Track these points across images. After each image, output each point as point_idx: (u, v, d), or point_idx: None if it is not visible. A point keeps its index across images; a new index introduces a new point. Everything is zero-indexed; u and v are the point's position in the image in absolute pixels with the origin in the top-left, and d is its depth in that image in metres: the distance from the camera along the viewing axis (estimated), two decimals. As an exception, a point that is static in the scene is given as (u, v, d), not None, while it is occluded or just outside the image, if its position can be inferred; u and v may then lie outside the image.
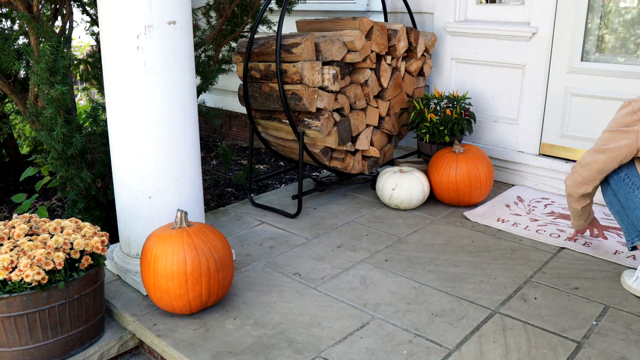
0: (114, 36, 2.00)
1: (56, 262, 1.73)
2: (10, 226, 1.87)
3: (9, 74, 2.73)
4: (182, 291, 1.89)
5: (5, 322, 1.71)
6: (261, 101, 2.93)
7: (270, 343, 1.82)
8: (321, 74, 2.75)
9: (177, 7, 2.01)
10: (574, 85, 3.01)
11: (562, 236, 2.54)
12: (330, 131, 2.84)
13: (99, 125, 2.74)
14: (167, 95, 2.06)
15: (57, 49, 2.36)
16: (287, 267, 2.33)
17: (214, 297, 1.98)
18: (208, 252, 1.92)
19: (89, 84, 3.72)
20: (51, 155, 2.55)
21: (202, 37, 3.32)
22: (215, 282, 1.94)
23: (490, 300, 2.06)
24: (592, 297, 2.08)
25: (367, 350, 1.78)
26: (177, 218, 1.97)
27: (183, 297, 1.90)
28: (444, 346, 1.80)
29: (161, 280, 1.89)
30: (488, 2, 3.35)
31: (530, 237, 2.56)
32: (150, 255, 1.91)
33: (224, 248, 1.99)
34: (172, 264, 1.87)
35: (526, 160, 3.19)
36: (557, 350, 1.77)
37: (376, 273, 2.26)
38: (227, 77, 4.14)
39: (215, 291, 1.96)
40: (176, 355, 1.80)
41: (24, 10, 2.49)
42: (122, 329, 2.03)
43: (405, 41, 3.13)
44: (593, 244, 2.47)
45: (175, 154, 2.12)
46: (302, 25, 3.24)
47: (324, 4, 3.83)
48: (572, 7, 2.94)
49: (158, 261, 1.89)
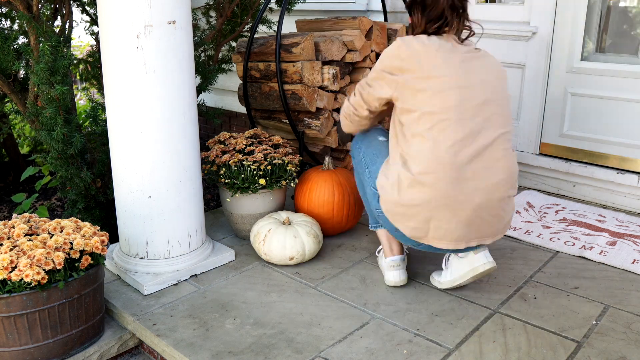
0: (113, 36, 2.00)
1: (56, 262, 1.73)
2: (10, 226, 1.87)
3: (8, 74, 2.73)
4: (328, 216, 2.47)
5: (5, 322, 1.71)
6: (261, 101, 2.93)
7: (270, 343, 1.82)
8: (321, 74, 2.75)
9: (177, 7, 2.01)
10: (574, 84, 3.01)
11: (576, 244, 2.49)
12: (330, 131, 2.84)
13: (98, 125, 2.74)
14: (167, 95, 2.06)
15: (56, 48, 2.36)
16: (287, 266, 2.33)
17: (350, 224, 2.56)
18: (349, 189, 2.50)
19: (88, 84, 3.72)
20: (51, 154, 2.55)
21: (201, 36, 3.32)
22: (352, 212, 2.52)
23: (490, 299, 2.06)
24: (592, 297, 2.08)
25: (366, 349, 1.78)
26: (326, 162, 2.57)
27: (328, 222, 2.48)
28: (444, 346, 1.80)
29: (313, 207, 2.47)
30: (488, 1, 3.35)
31: (544, 245, 2.49)
32: (307, 187, 2.51)
33: None
34: (323, 194, 2.47)
35: (526, 159, 3.19)
36: (557, 350, 1.77)
37: (376, 272, 2.26)
38: (227, 77, 4.14)
39: (352, 219, 2.55)
40: (176, 354, 1.80)
41: (24, 10, 2.48)
42: (121, 329, 2.03)
43: (405, 41, 3.12)
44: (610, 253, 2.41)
45: (175, 154, 2.12)
46: (302, 25, 3.24)
47: (323, 3, 3.83)
48: (572, 6, 2.94)
49: (313, 192, 2.48)
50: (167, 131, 2.09)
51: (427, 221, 1.86)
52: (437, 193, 1.82)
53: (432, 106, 1.82)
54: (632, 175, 2.85)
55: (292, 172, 2.49)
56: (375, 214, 2.06)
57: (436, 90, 1.82)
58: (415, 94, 1.84)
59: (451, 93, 1.82)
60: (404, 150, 1.88)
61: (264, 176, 2.42)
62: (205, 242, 2.35)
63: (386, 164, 1.97)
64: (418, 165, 1.83)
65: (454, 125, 1.81)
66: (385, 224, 2.01)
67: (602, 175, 2.93)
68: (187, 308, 2.03)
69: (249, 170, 2.39)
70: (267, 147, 2.52)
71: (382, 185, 1.94)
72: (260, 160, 2.43)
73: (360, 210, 2.58)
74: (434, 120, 1.81)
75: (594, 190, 3.01)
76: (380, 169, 1.99)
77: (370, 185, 2.03)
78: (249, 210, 2.48)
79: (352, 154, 2.23)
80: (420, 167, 1.83)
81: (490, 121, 1.85)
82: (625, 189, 2.89)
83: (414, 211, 1.86)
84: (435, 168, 1.81)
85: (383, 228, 2.13)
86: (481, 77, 1.88)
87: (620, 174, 2.88)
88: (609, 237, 2.56)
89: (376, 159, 2.05)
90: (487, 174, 1.84)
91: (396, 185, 1.88)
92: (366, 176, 2.07)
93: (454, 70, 1.84)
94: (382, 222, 2.04)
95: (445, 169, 1.81)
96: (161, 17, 1.98)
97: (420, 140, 1.84)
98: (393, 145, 1.95)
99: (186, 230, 2.23)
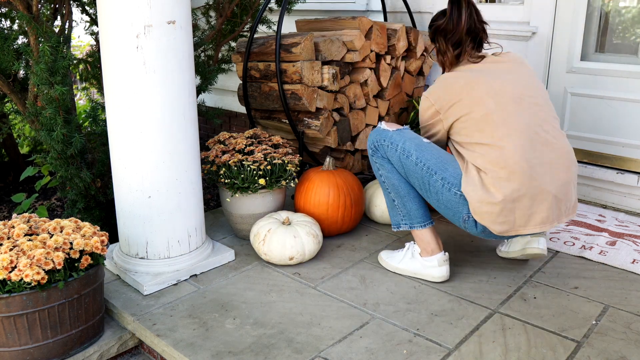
0: (113, 36, 2.00)
1: (56, 262, 1.73)
2: (9, 226, 1.87)
3: (8, 74, 2.73)
4: (322, 217, 2.47)
5: (5, 322, 1.71)
6: (261, 101, 2.93)
7: (270, 343, 1.82)
8: (321, 74, 2.75)
9: (177, 7, 2.01)
10: (574, 84, 3.01)
11: (576, 244, 2.49)
12: (329, 131, 2.84)
13: (98, 125, 2.74)
14: (167, 94, 2.06)
15: (56, 49, 2.36)
16: (287, 266, 2.33)
17: (347, 226, 2.55)
18: (346, 190, 2.50)
19: (88, 84, 3.72)
20: (51, 155, 2.55)
21: (201, 36, 3.32)
22: (348, 214, 2.51)
23: (489, 299, 2.06)
24: (592, 297, 2.08)
25: (366, 349, 1.78)
26: (327, 162, 2.57)
27: (324, 222, 2.48)
28: (444, 346, 1.80)
29: (309, 206, 2.49)
30: (488, 1, 3.35)
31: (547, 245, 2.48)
32: (304, 186, 2.53)
33: (359, 189, 2.57)
34: (319, 195, 2.48)
35: (526, 159, 3.19)
36: (556, 350, 1.77)
37: (376, 272, 2.26)
38: (227, 77, 4.14)
39: (348, 221, 2.53)
40: (176, 354, 1.80)
41: (24, 10, 2.48)
42: (121, 329, 2.03)
43: (404, 41, 3.13)
44: (609, 253, 2.41)
45: (174, 154, 2.12)
46: (301, 25, 3.24)
47: (323, 3, 3.83)
48: (572, 6, 2.94)
49: (309, 191, 2.50)
50: (167, 131, 2.09)
51: (512, 211, 1.96)
52: (516, 185, 1.93)
53: (482, 118, 1.99)
54: (632, 175, 2.85)
55: (292, 172, 2.49)
56: (459, 217, 2.05)
57: (476, 104, 2.00)
58: (463, 120, 2.03)
59: (489, 100, 1.99)
60: (474, 161, 1.99)
61: (263, 176, 2.42)
62: (205, 242, 2.35)
63: (465, 171, 2.01)
64: (495, 167, 1.95)
65: (511, 126, 1.97)
66: (470, 227, 2.05)
67: (602, 175, 2.93)
68: (187, 308, 2.03)
69: (248, 170, 2.39)
70: (267, 147, 2.53)
71: (466, 190, 1.99)
72: (260, 160, 2.43)
73: (359, 212, 2.58)
74: (484, 128, 1.98)
75: (594, 190, 3.01)
76: (460, 174, 2.03)
77: (454, 189, 2.02)
78: (248, 210, 2.48)
79: (386, 155, 2.15)
80: (498, 168, 1.94)
81: (535, 112, 2.01)
82: (625, 189, 2.89)
83: (500, 207, 1.94)
84: (512, 166, 1.93)
85: (422, 228, 2.17)
86: (508, 77, 2.05)
87: (620, 174, 2.88)
88: (608, 237, 2.56)
89: (444, 164, 2.05)
90: (553, 157, 1.99)
91: (479, 187, 1.96)
92: (437, 182, 2.04)
93: (483, 85, 2.02)
94: (467, 225, 2.05)
95: (520, 163, 1.93)
96: (161, 17, 1.98)
97: (486, 148, 1.97)
98: (458, 159, 2.08)
99: (186, 230, 2.23)
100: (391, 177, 2.16)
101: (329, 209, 2.47)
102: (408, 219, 2.19)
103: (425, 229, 2.18)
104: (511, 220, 1.96)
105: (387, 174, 2.17)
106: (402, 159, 2.10)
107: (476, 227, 2.03)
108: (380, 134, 2.16)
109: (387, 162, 2.16)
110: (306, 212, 2.51)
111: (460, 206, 2.02)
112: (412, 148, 2.09)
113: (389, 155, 2.14)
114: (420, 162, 2.06)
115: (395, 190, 2.18)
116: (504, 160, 1.94)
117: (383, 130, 2.17)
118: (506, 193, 1.92)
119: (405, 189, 2.16)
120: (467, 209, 2.00)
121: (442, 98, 2.07)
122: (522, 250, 2.21)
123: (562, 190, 2.00)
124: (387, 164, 2.16)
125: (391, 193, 2.20)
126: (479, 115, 1.99)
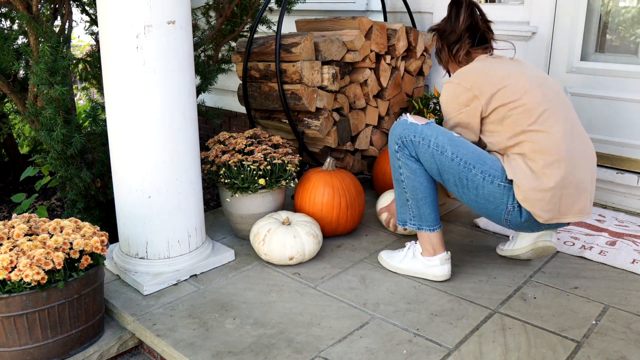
0: (113, 36, 2.00)
1: (56, 262, 1.73)
2: (9, 226, 1.87)
3: (8, 74, 2.73)
4: (317, 216, 2.48)
5: (5, 322, 1.71)
6: (261, 101, 2.93)
7: (270, 343, 1.82)
8: (320, 74, 2.75)
9: (177, 7, 2.01)
10: (574, 84, 3.01)
11: (576, 244, 2.49)
12: (329, 131, 2.84)
13: (98, 125, 2.74)
14: (167, 95, 2.06)
15: (56, 49, 2.36)
16: (287, 266, 2.33)
17: (342, 228, 2.53)
18: (342, 191, 2.49)
19: (88, 84, 3.72)
20: (51, 155, 2.55)
21: (201, 36, 3.32)
22: (343, 216, 2.50)
23: (489, 299, 2.06)
24: (592, 297, 2.08)
25: (366, 349, 1.78)
26: (327, 163, 2.57)
27: (319, 221, 2.48)
28: (444, 346, 1.80)
29: (305, 205, 2.51)
30: (487, 1, 3.35)
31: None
32: (302, 185, 2.55)
33: (357, 191, 2.55)
34: (314, 195, 2.49)
35: (526, 159, 3.19)
36: (556, 350, 1.77)
37: (376, 272, 2.27)
38: (227, 77, 4.14)
39: (344, 223, 2.52)
40: (176, 355, 1.80)
41: (24, 10, 2.48)
42: (121, 329, 2.03)
43: (404, 41, 3.13)
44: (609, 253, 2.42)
45: (174, 154, 2.12)
46: (301, 25, 3.24)
47: (323, 3, 3.83)
48: (572, 6, 2.94)
49: (306, 191, 2.52)
50: (167, 131, 2.09)
51: (560, 198, 1.96)
52: (564, 172, 1.94)
53: (533, 105, 1.98)
54: (631, 175, 2.85)
55: (292, 172, 2.49)
56: (502, 208, 2.01)
57: (525, 93, 1.99)
58: (511, 107, 1.99)
59: (537, 89, 2.00)
60: (520, 149, 1.98)
61: (263, 176, 2.42)
62: (205, 242, 2.35)
63: (506, 161, 2.00)
64: (545, 154, 1.94)
65: (557, 116, 1.98)
66: (513, 218, 2.02)
67: (601, 175, 2.93)
68: (187, 308, 2.03)
69: (248, 170, 2.39)
70: (267, 147, 2.53)
71: (517, 177, 1.96)
72: (260, 160, 2.43)
73: (356, 213, 2.58)
74: (535, 115, 1.96)
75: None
76: (500, 165, 2.01)
77: (497, 180, 1.98)
78: (248, 210, 2.48)
79: (416, 152, 2.06)
80: (548, 155, 1.94)
81: (569, 107, 2.06)
82: (625, 189, 2.89)
83: (551, 193, 1.94)
84: (561, 153, 1.94)
85: (431, 232, 2.14)
86: (540, 73, 2.10)
87: (620, 174, 2.88)
88: (608, 237, 2.56)
89: (481, 157, 2.01)
90: (585, 149, 2.03)
91: (529, 174, 1.95)
92: (477, 176, 1.99)
93: (526, 75, 2.04)
94: (510, 217, 2.02)
95: (567, 152, 1.95)
96: (161, 17, 1.98)
97: (537, 135, 1.96)
98: (493, 150, 2.07)
99: (186, 230, 2.23)
100: (412, 179, 2.08)
101: (323, 209, 2.48)
102: (418, 220, 2.15)
103: (433, 233, 2.15)
104: (557, 207, 1.96)
105: (408, 174, 2.08)
106: (435, 155, 2.00)
107: (520, 217, 2.00)
108: (409, 128, 2.03)
109: (413, 162, 2.06)
110: (304, 212, 2.51)
111: (505, 197, 1.98)
112: (446, 143, 1.99)
113: (419, 152, 2.03)
114: (457, 157, 1.98)
115: (412, 192, 2.11)
116: (554, 146, 1.93)
117: (411, 124, 2.04)
118: (557, 180, 1.92)
119: (424, 193, 2.09)
120: (512, 199, 1.98)
121: (481, 83, 2.00)
122: (534, 244, 2.19)
123: (593, 185, 2.04)
124: (413, 164, 2.06)
125: (407, 193, 2.13)
126: (529, 102, 1.96)
